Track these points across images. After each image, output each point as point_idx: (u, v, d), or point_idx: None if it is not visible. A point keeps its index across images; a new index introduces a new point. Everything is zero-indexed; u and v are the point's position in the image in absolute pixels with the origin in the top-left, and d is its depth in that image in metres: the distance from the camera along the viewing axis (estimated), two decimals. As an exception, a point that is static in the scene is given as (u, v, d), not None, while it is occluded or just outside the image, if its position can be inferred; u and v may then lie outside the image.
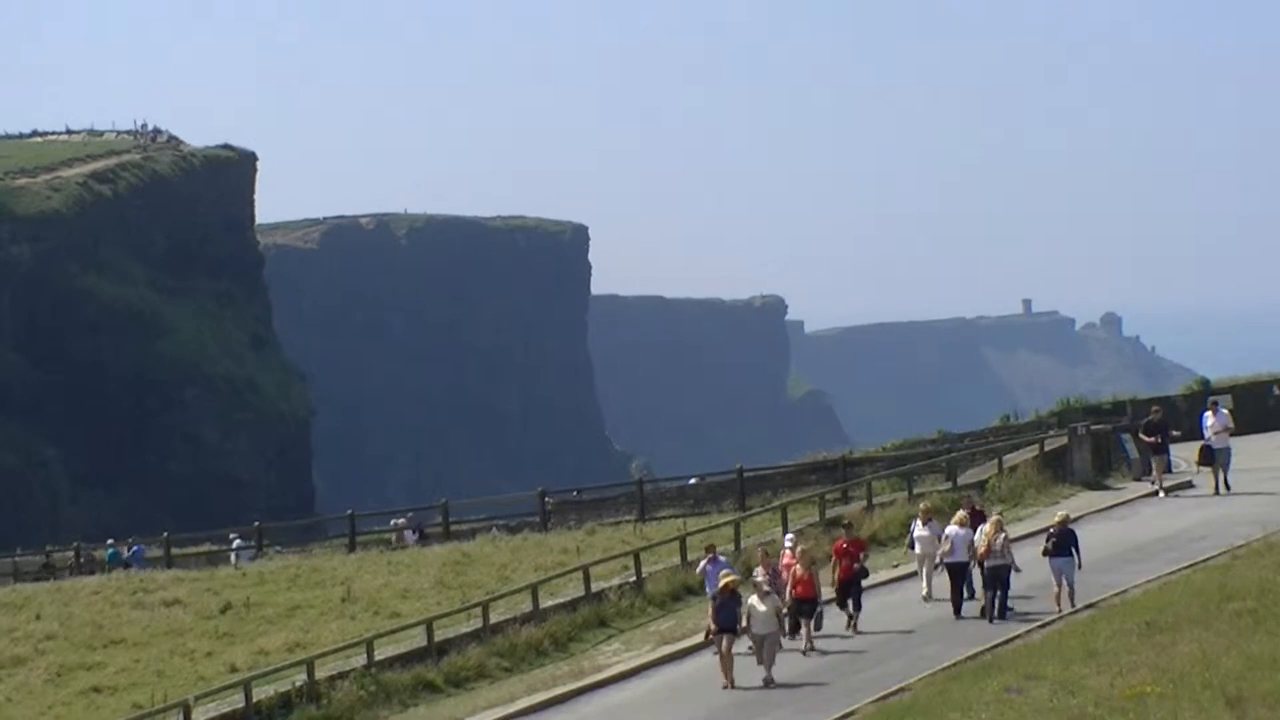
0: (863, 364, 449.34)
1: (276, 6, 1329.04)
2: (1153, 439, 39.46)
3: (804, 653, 28.73)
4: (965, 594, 30.33)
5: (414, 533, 49.66)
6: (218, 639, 36.79)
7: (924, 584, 31.61)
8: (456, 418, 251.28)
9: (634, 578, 35.37)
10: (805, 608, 29.09)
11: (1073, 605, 28.78)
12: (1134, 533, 34.83)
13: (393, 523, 52.50)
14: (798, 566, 29.35)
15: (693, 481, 49.85)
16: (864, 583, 30.55)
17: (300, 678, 30.34)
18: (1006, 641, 26.79)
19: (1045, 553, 29.38)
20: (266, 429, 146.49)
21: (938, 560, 30.92)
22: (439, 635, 32.27)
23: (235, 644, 35.97)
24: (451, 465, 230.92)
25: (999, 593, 29.39)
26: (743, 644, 27.81)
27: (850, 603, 30.07)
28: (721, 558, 31.52)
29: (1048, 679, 22.45)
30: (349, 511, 53.12)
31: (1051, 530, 29.74)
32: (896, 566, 34.37)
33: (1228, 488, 38.21)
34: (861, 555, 30.73)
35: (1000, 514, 31.35)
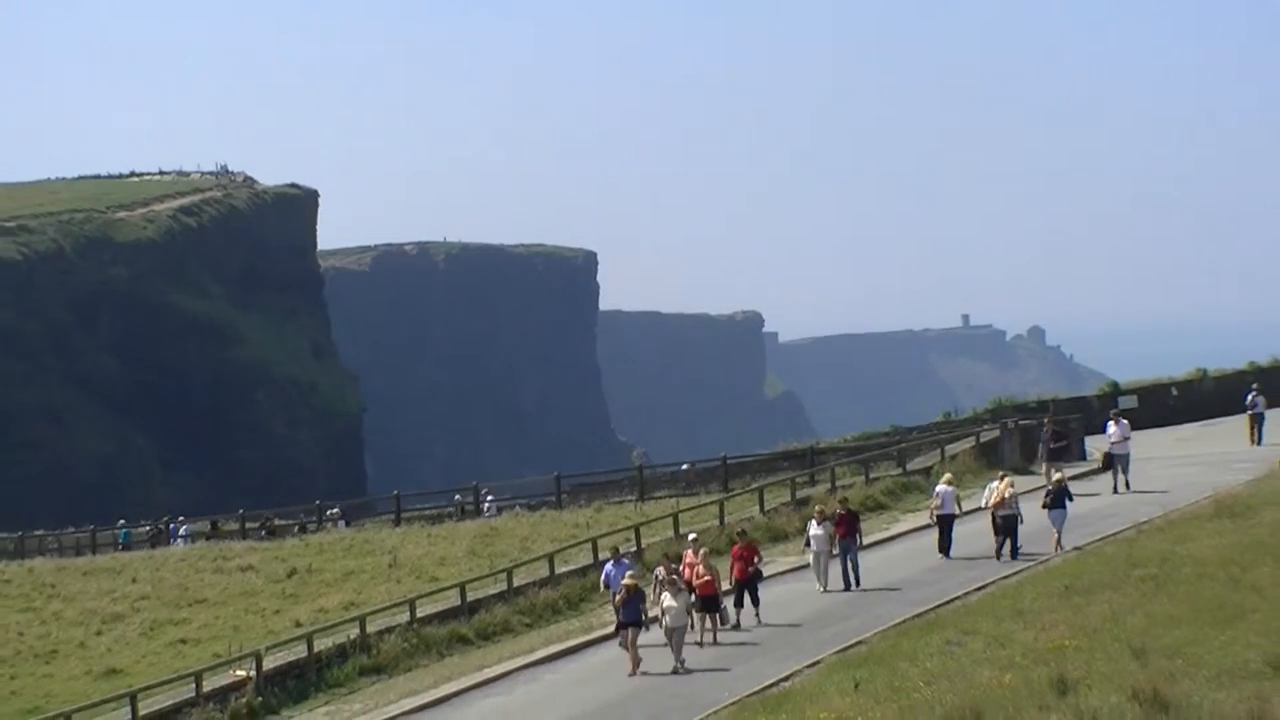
0: (828, 369, 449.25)
1: (338, 75, 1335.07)
2: (1052, 446, 39.34)
3: (700, 645, 26.61)
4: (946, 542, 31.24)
5: (342, 520, 50.86)
6: (284, 599, 36.90)
7: (818, 578, 30.16)
8: (484, 414, 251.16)
9: (635, 548, 35.34)
10: (709, 603, 27.26)
11: (1060, 549, 29.71)
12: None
13: (328, 513, 52.88)
14: (700, 566, 27.31)
15: (684, 467, 49.90)
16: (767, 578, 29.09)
17: (354, 632, 30.31)
18: (948, 602, 26.75)
19: (1044, 506, 30.61)
20: (325, 423, 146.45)
21: (934, 514, 31.48)
22: (471, 596, 32.25)
23: (299, 603, 36.04)
24: (480, 454, 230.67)
25: (1009, 539, 30.25)
26: (648, 635, 26.29)
27: (749, 598, 28.22)
28: (625, 560, 29.53)
29: (982, 634, 22.42)
30: (395, 492, 53.21)
31: (1049, 489, 31.05)
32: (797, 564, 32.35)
33: (1128, 488, 37.65)
34: (756, 559, 28.49)
35: (1006, 474, 32.19)
